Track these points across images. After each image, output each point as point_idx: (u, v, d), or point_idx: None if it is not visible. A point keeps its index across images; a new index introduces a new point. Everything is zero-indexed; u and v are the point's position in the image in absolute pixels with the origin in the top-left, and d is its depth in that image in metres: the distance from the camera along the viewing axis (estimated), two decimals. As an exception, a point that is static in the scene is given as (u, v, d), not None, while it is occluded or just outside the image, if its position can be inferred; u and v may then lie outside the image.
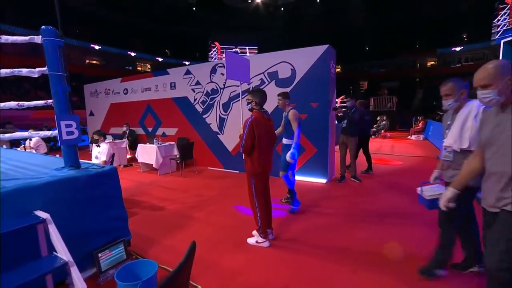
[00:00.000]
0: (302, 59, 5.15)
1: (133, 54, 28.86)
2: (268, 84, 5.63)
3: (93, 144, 4.41)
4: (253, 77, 5.68)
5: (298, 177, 5.31)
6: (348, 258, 2.55)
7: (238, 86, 6.06)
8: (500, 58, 11.06)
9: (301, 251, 2.70)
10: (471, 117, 1.90)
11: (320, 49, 4.96)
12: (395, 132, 16.60)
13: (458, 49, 26.61)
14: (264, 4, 27.17)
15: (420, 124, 13.93)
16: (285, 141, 3.67)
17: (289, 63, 5.30)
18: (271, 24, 28.19)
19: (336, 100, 8.88)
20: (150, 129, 8.11)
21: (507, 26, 11.41)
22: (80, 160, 2.58)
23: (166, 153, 6.29)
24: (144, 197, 4.55)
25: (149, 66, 31.77)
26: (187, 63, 25.97)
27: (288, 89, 5.40)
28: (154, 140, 6.31)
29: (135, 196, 4.63)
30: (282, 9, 27.80)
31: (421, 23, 27.25)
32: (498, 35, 11.97)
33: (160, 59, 31.33)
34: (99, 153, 4.22)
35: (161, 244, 2.91)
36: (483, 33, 23.13)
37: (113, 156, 4.28)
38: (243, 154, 2.78)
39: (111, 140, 6.95)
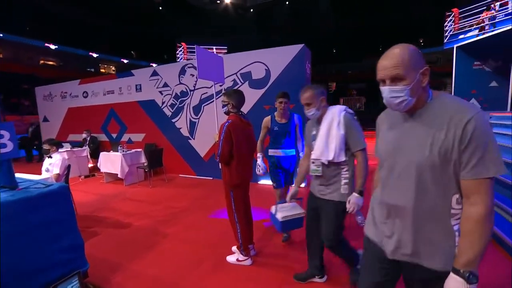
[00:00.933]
0: (276, 59, 4.99)
1: (95, 55, 27.08)
2: (241, 86, 5.38)
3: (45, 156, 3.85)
4: (225, 78, 5.39)
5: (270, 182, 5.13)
6: (338, 272, 2.35)
7: (210, 87, 5.76)
8: (454, 62, 11.87)
9: (287, 268, 2.46)
10: (334, 126, 1.82)
11: (295, 49, 4.83)
12: (365, 132, 17.20)
13: (416, 52, 28.60)
14: (233, 5, 26.96)
15: None
16: (289, 151, 2.95)
17: (263, 63, 5.11)
18: (241, 25, 28.08)
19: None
20: (114, 135, 7.47)
21: (453, 32, 12.60)
22: (20, 177, 2.12)
23: (133, 161, 5.78)
24: (107, 213, 4.06)
25: (113, 68, 30.06)
26: (154, 65, 24.88)
27: (262, 91, 5.19)
28: (119, 147, 5.76)
29: (96, 212, 4.12)
30: (251, 10, 27.77)
31: (385, 28, 28.80)
32: (447, 39, 13.10)
33: (125, 61, 29.84)
34: (51, 165, 3.67)
35: (126, 270, 2.51)
36: (437, 39, 25.09)
37: (68, 167, 3.76)
38: (219, 164, 2.48)
39: (69, 149, 6.26)
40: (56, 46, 23.86)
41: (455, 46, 11.98)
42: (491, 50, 8.50)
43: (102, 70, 28.85)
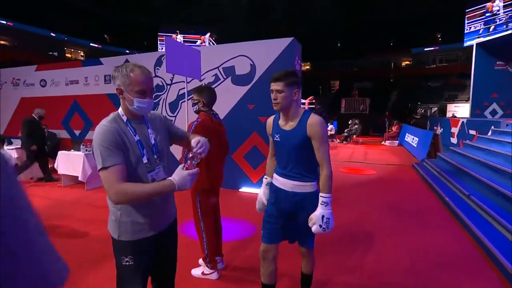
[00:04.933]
0: (263, 53, 5.16)
1: (59, 36, 26.39)
2: (223, 81, 5.54)
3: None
4: (205, 73, 5.56)
5: (253, 189, 5.27)
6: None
7: (189, 82, 5.89)
8: (473, 61, 12.22)
9: (257, 284, 2.60)
10: None
11: (283, 42, 5.01)
12: (368, 137, 17.51)
13: (431, 49, 29.20)
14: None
15: (394, 129, 14.83)
16: (299, 186, 1.94)
17: (248, 57, 5.28)
18: (233, 16, 28.29)
19: (304, 101, 9.10)
20: (77, 132, 7.52)
21: (476, 28, 12.69)
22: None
23: (97, 163, 5.83)
24: (62, 221, 4.13)
25: (82, 54, 29.86)
26: (131, 52, 24.80)
27: (246, 88, 5.35)
28: (81, 146, 5.82)
29: (49, 219, 4.18)
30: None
31: (396, 21, 29.46)
32: (469, 36, 13.24)
33: (97, 46, 29.62)
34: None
35: (74, 287, 2.60)
36: (457, 34, 25.59)
37: (15, 167, 3.82)
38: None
39: (19, 146, 6.27)
40: (10, 23, 22.77)
41: (474, 43, 12.27)
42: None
43: (68, 55, 28.41)
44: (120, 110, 1.50)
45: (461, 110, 21.19)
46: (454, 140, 9.68)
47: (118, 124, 1.42)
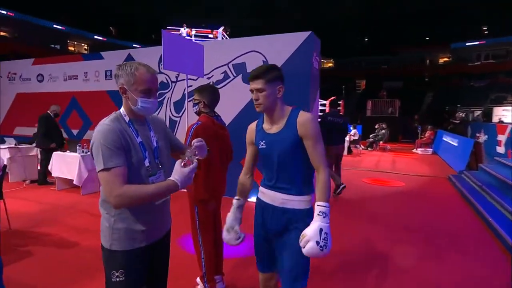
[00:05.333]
0: (277, 49, 5.18)
1: (62, 27, 27.25)
2: (233, 79, 5.60)
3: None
4: (213, 70, 5.64)
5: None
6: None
7: (196, 79, 5.96)
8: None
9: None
10: None
11: (300, 37, 5.02)
12: (397, 143, 17.22)
13: (475, 43, 28.37)
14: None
15: (427, 135, 14.53)
16: (291, 201, 1.77)
17: (261, 53, 5.33)
18: (242, 8, 28.43)
19: (324, 102, 9.05)
20: (75, 132, 7.73)
21: None
22: None
23: (94, 165, 5.95)
24: (54, 228, 4.23)
25: (85, 47, 30.73)
26: (138, 46, 25.34)
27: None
28: (78, 147, 5.97)
29: (37, 226, 4.29)
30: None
31: (432, 12, 28.85)
32: None
33: (101, 38, 30.43)
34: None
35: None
36: (506, 26, 24.69)
37: (4, 168, 3.96)
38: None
39: (13, 145, 6.51)
40: (11, 13, 23.59)
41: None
42: None
43: (71, 48, 29.30)
44: (122, 110, 1.55)
45: (510, 114, 20.43)
46: (500, 149, 9.36)
47: (120, 124, 1.47)
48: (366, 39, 33.62)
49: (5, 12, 23.37)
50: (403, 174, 8.54)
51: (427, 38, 30.70)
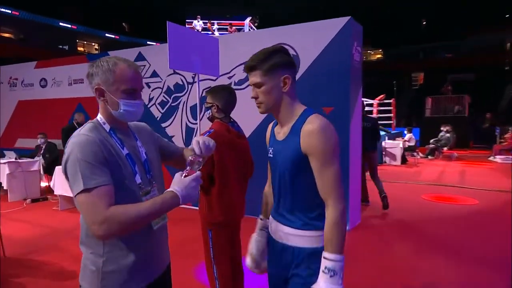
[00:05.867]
0: (309, 40, 5.13)
1: (69, 25, 28.24)
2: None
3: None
4: (236, 67, 5.64)
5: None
6: None
7: (215, 80, 5.94)
8: None
9: None
10: None
11: (336, 24, 4.93)
12: (467, 150, 16.57)
13: None
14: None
15: (509, 139, 14.00)
16: (294, 236, 1.61)
17: (290, 46, 5.23)
18: None
19: (371, 102, 8.77)
20: (81, 143, 7.93)
21: None
22: None
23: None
24: (51, 255, 4.28)
25: (96, 46, 32.05)
26: (154, 43, 25.96)
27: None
28: (83, 161, 6.09)
29: (35, 253, 4.36)
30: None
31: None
32: None
33: (114, 36, 31.56)
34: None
35: None
36: None
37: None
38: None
39: (13, 159, 6.74)
40: (16, 12, 24.62)
41: None
42: None
43: (80, 49, 30.58)
44: (99, 117, 1.44)
45: None
46: None
47: (100, 134, 1.36)
48: (424, 22, 32.44)
49: (9, 11, 24.43)
50: (476, 189, 8.07)
51: (507, 16, 28.99)
